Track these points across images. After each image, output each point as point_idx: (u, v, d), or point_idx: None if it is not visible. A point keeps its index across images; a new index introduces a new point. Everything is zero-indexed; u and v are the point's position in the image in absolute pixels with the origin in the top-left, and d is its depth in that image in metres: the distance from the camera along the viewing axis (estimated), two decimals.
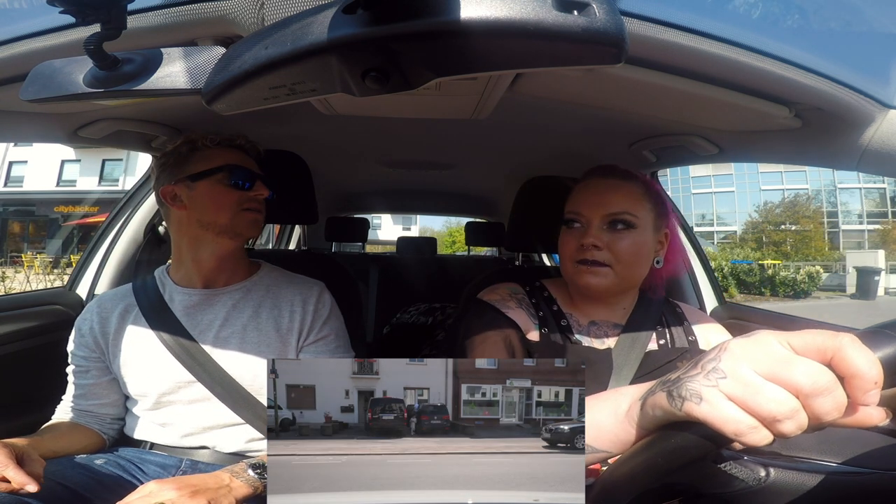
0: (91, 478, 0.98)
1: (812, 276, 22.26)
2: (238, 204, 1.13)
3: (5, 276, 13.65)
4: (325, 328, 1.20)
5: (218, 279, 1.19)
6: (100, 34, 0.51)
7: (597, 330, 1.07)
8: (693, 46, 0.71)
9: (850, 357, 0.40)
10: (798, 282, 21.86)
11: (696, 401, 0.45)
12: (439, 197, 3.04)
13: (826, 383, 0.41)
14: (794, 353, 0.43)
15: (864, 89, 0.79)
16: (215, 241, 1.15)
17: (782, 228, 34.45)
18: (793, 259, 30.35)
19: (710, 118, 1.06)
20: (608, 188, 1.03)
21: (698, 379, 0.46)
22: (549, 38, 0.39)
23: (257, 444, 1.12)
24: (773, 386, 0.43)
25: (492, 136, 1.51)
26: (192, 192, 1.12)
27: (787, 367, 0.42)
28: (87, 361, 1.16)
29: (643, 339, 1.04)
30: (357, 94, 0.45)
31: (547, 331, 1.05)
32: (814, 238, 32.91)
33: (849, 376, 0.41)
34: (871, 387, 0.40)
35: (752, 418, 0.43)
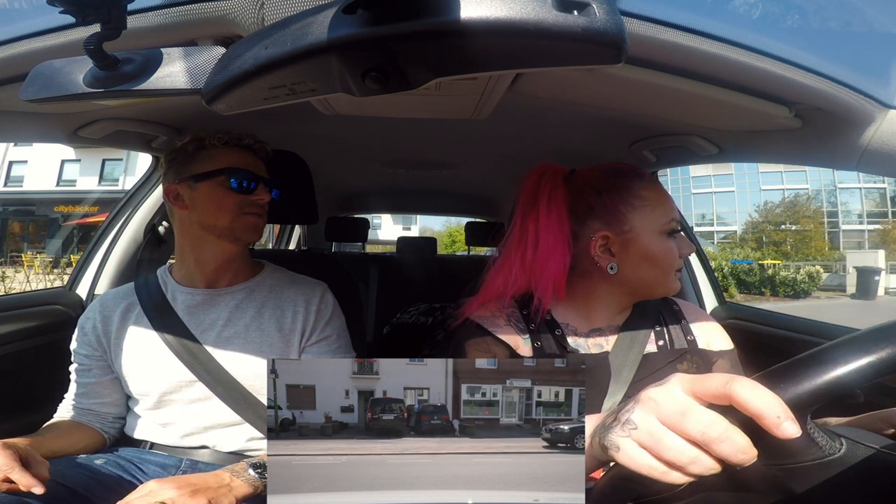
0: (91, 478, 0.98)
1: (812, 275, 22.31)
2: (238, 207, 1.13)
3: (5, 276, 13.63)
4: (328, 328, 1.20)
5: (221, 279, 1.19)
6: (100, 34, 0.51)
7: (597, 335, 1.03)
8: (693, 46, 0.71)
9: (745, 400, 0.43)
10: (798, 282, 21.90)
11: (615, 450, 0.50)
12: (439, 197, 3.04)
13: (718, 433, 0.44)
14: (693, 403, 0.47)
15: (864, 89, 0.79)
16: (216, 243, 1.15)
17: (782, 228, 34.48)
18: (793, 259, 30.38)
19: (711, 118, 1.06)
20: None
21: (616, 430, 0.51)
22: (549, 38, 0.39)
23: (257, 443, 1.12)
24: (674, 436, 0.47)
25: (492, 136, 1.51)
26: (194, 192, 1.12)
27: (684, 418, 0.46)
28: (90, 360, 1.17)
29: (641, 339, 1.02)
30: (357, 94, 0.45)
31: (539, 344, 1.00)
32: (814, 238, 32.91)
33: (754, 417, 0.43)
34: (777, 422, 0.42)
35: (662, 464, 0.47)
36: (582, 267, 1.00)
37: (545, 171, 1.01)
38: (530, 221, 0.98)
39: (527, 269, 0.98)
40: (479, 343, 1.00)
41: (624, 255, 0.97)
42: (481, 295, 1.04)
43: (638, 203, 0.96)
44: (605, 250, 0.97)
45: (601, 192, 0.98)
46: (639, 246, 0.96)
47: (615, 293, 1.02)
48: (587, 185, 1.00)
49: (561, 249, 0.96)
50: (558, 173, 1.02)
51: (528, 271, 0.98)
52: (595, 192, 0.98)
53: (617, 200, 0.97)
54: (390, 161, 2.05)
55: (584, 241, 0.98)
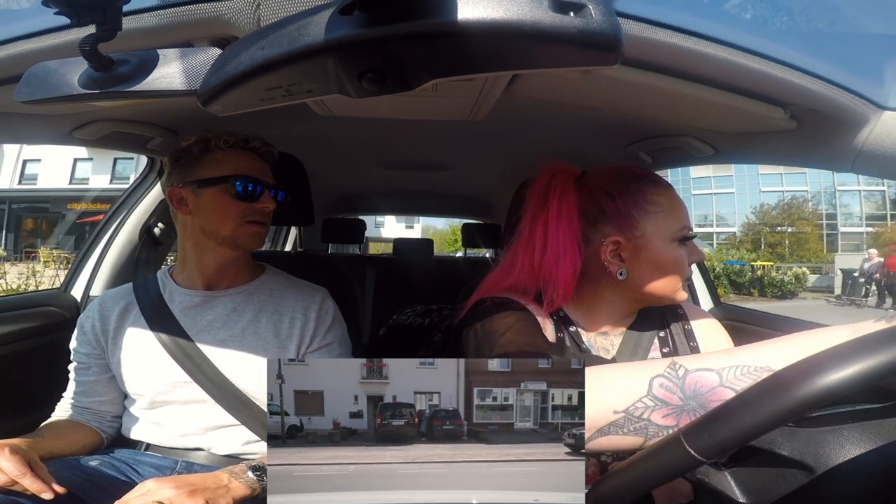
0: (86, 479, 0.97)
1: (799, 277, 22.75)
2: (242, 216, 1.13)
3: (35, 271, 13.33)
4: (329, 336, 1.20)
5: (220, 282, 1.19)
6: (95, 35, 0.51)
7: (603, 339, 1.02)
8: (689, 48, 0.71)
9: None
10: (785, 283, 22.38)
11: None
12: (435, 198, 3.04)
13: None
14: None
15: (858, 90, 0.79)
16: (217, 249, 1.15)
17: (778, 230, 34.60)
18: (788, 261, 30.54)
19: (706, 119, 1.06)
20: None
21: None
22: (546, 40, 0.39)
23: (253, 446, 1.12)
24: None
25: (488, 137, 1.51)
26: (198, 198, 1.12)
27: None
28: (89, 359, 1.17)
29: (645, 345, 1.01)
30: (353, 95, 0.45)
31: (563, 334, 0.98)
32: (809, 240, 33.07)
33: None
34: None
35: None
36: (590, 271, 0.97)
37: (556, 172, 0.99)
38: (539, 223, 0.96)
39: (535, 270, 0.95)
40: (507, 314, 0.92)
41: (634, 262, 0.94)
42: (482, 291, 1.00)
43: (651, 209, 0.94)
44: (616, 255, 0.95)
45: (614, 196, 0.95)
46: (650, 252, 0.93)
47: (622, 299, 1.00)
48: (600, 188, 0.97)
49: (572, 253, 0.93)
50: (570, 175, 0.99)
51: (536, 273, 0.95)
52: (608, 196, 0.96)
53: (630, 205, 0.94)
54: (387, 162, 2.05)
55: (594, 245, 0.96)
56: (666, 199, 0.96)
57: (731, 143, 1.16)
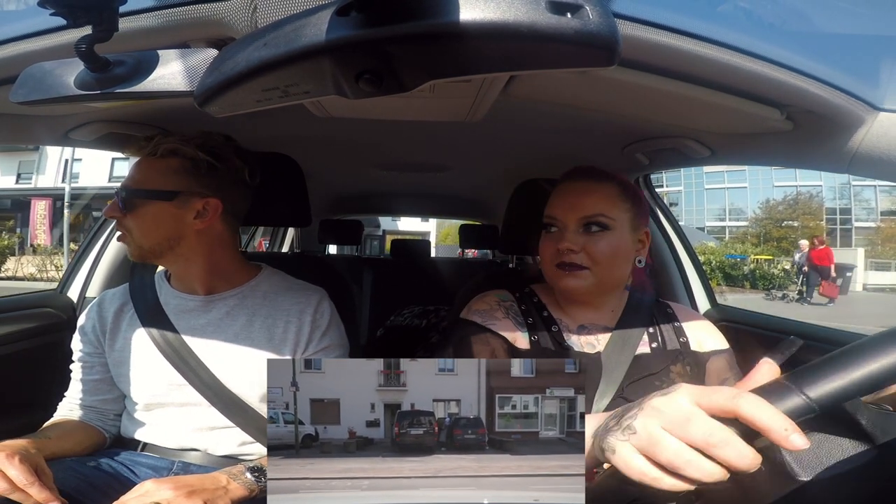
0: (82, 480, 0.97)
1: (787, 270, 22.89)
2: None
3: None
4: (326, 339, 1.18)
5: (212, 285, 1.18)
6: (91, 36, 0.51)
7: (587, 333, 1.06)
8: (686, 49, 0.71)
9: (751, 415, 0.45)
10: (775, 276, 22.69)
11: (610, 452, 0.52)
12: (434, 199, 3.04)
13: (720, 438, 0.46)
14: (698, 410, 0.48)
15: (854, 92, 0.79)
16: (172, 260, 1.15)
17: (785, 225, 34.71)
18: (792, 255, 30.76)
19: (703, 121, 1.07)
20: (582, 191, 1.04)
21: (616, 433, 0.52)
22: (543, 41, 0.39)
23: (251, 447, 1.11)
24: (673, 438, 0.48)
25: (486, 138, 1.51)
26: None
27: (687, 423, 0.47)
28: (92, 357, 1.18)
29: (633, 340, 1.04)
30: (351, 96, 0.45)
31: (536, 338, 1.04)
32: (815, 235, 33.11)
33: (762, 431, 0.44)
34: (784, 434, 0.43)
35: (657, 469, 0.48)
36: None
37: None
38: None
39: None
40: (477, 339, 1.04)
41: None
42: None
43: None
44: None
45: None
46: None
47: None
48: None
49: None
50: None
51: None
52: None
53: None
54: (384, 163, 2.04)
55: None
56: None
57: (728, 145, 1.16)
